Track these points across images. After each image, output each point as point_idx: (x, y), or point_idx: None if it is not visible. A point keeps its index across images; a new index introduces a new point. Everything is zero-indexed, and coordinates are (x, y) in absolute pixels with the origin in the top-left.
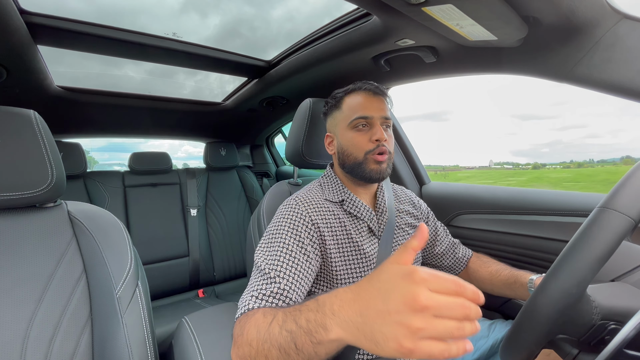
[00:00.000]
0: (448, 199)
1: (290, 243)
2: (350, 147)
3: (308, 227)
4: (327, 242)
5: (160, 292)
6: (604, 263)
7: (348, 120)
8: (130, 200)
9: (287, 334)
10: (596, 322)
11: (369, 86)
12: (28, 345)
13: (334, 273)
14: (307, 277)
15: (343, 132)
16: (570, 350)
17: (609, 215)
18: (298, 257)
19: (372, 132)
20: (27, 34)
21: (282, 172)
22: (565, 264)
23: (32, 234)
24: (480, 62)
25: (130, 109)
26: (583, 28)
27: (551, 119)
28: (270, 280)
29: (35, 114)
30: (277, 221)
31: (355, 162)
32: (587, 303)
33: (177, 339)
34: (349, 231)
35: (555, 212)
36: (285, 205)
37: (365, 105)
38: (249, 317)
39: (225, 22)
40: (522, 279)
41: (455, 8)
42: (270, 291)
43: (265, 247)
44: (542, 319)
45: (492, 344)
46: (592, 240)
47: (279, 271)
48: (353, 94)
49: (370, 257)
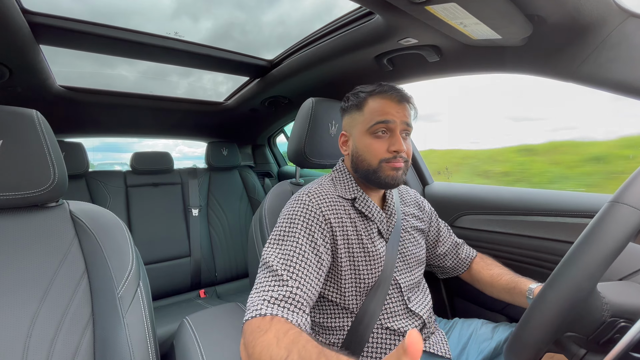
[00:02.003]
0: (451, 200)
1: (303, 243)
2: (365, 153)
3: (321, 225)
4: (338, 241)
5: (162, 292)
6: (615, 257)
7: (367, 125)
8: (132, 200)
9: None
10: (606, 319)
11: (395, 92)
12: (30, 345)
13: (342, 274)
14: (319, 279)
15: (360, 136)
16: (577, 350)
17: (621, 209)
18: (310, 258)
19: (391, 141)
20: (29, 34)
21: (284, 172)
22: (576, 258)
23: (34, 234)
24: (484, 61)
25: (133, 109)
26: (589, 26)
27: (542, 120)
28: (282, 282)
29: (37, 114)
30: (289, 216)
31: (369, 169)
32: (597, 299)
33: (178, 339)
34: (359, 231)
35: (561, 213)
36: (297, 200)
37: (388, 110)
38: (262, 330)
39: (217, 25)
40: (521, 285)
41: (459, 7)
42: (282, 295)
43: (276, 244)
44: (552, 313)
45: (496, 345)
46: (604, 234)
47: (291, 272)
48: (377, 97)
49: (377, 260)
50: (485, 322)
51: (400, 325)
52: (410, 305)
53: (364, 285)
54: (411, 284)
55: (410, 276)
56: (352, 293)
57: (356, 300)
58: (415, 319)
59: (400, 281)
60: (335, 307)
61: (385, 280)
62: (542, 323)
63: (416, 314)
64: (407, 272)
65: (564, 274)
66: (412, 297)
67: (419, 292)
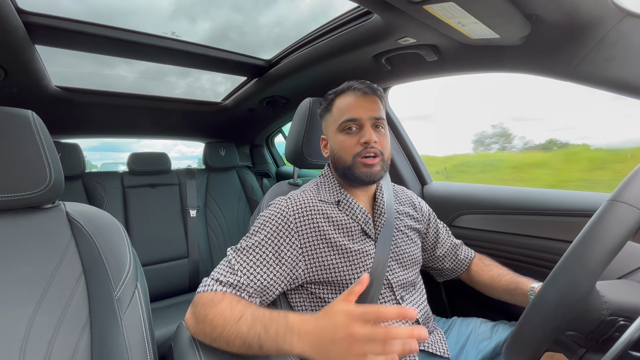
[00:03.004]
0: (450, 199)
1: (265, 244)
2: (339, 151)
3: (291, 230)
4: (312, 244)
5: (160, 294)
6: (614, 255)
7: (337, 123)
8: (129, 201)
9: (255, 335)
10: (605, 318)
11: (359, 86)
12: (27, 348)
13: (326, 275)
14: (274, 275)
15: (333, 135)
16: (577, 349)
17: (619, 208)
18: (268, 256)
19: (360, 134)
20: (24, 34)
21: (282, 172)
22: (575, 256)
23: (30, 236)
24: (482, 60)
25: (129, 109)
26: (586, 25)
27: (540, 120)
28: (233, 271)
29: (33, 114)
30: (262, 218)
31: (345, 165)
32: (596, 298)
33: (176, 341)
34: (340, 233)
35: (560, 212)
36: (275, 206)
37: (354, 106)
38: (214, 302)
39: (215, 27)
40: (523, 286)
41: (457, 6)
42: (229, 281)
43: (242, 241)
44: (551, 312)
45: (495, 345)
46: (603, 232)
47: (244, 266)
48: (343, 95)
49: (362, 259)
50: (484, 321)
51: (393, 325)
52: (404, 305)
53: (352, 285)
54: (405, 283)
55: (404, 275)
56: (341, 293)
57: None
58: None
59: (392, 280)
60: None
61: (377, 280)
62: (542, 321)
63: None
64: (401, 271)
65: (563, 272)
66: (406, 297)
67: (415, 292)
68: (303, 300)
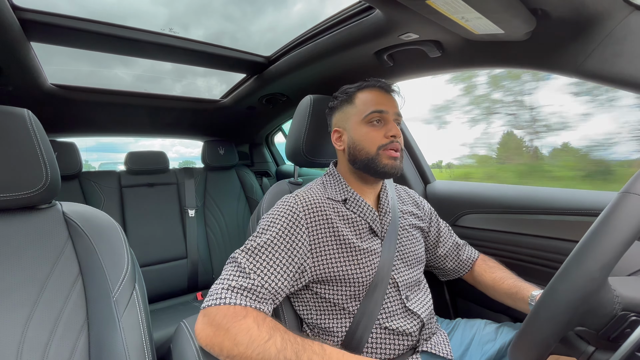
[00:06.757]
0: (454, 198)
1: (277, 242)
2: (363, 142)
3: (302, 228)
4: (321, 242)
5: (158, 295)
6: (628, 246)
7: (362, 115)
8: (127, 201)
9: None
10: (617, 313)
11: (382, 84)
12: (23, 350)
13: (333, 273)
14: (287, 275)
15: (356, 127)
16: (586, 348)
17: (632, 200)
18: (280, 256)
19: (386, 128)
20: (20, 31)
21: (282, 171)
22: (588, 248)
23: (26, 236)
24: (486, 56)
25: (126, 107)
26: (593, 21)
27: (537, 121)
28: (245, 275)
29: (28, 113)
30: (272, 216)
31: (368, 156)
32: (608, 292)
33: (175, 343)
34: (349, 231)
35: (566, 211)
36: (283, 203)
37: (382, 100)
38: (238, 316)
39: (208, 34)
40: (524, 292)
41: (461, 0)
42: (242, 285)
43: (249, 242)
44: (563, 305)
45: (500, 347)
46: (616, 224)
47: (256, 267)
48: (366, 90)
49: (370, 258)
50: (488, 323)
51: (398, 324)
52: (409, 305)
53: (359, 284)
54: (410, 283)
55: (409, 275)
56: (347, 293)
57: (354, 300)
58: (414, 318)
59: (398, 280)
60: (333, 308)
61: (383, 279)
62: (553, 315)
63: (415, 313)
64: (406, 271)
65: (576, 264)
66: (411, 296)
67: (419, 292)
68: (307, 301)
